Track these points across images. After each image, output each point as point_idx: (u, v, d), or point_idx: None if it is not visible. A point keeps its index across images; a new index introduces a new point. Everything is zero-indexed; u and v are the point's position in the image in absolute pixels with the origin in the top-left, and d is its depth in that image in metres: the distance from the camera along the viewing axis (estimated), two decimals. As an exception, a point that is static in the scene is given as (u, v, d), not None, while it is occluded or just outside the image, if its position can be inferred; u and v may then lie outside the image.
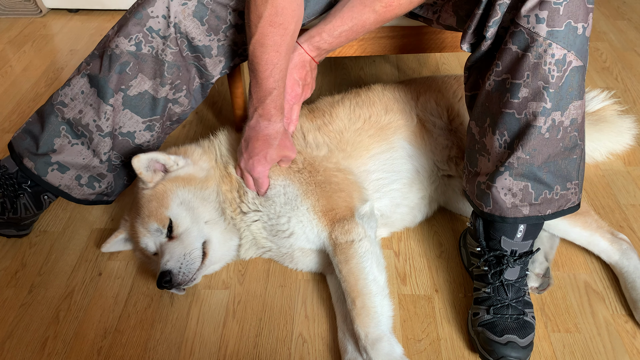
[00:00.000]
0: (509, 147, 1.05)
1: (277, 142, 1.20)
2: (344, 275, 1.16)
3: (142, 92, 1.26)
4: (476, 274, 1.20)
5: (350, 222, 1.21)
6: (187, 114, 1.38)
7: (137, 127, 1.31)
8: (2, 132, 1.84)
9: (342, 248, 1.18)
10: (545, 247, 1.32)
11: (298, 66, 1.23)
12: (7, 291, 1.31)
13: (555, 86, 0.98)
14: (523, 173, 1.05)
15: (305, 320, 1.24)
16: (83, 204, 1.40)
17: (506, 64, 1.01)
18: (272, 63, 1.12)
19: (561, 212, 1.10)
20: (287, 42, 1.11)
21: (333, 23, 1.18)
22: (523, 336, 1.08)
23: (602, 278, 1.29)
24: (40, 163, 1.30)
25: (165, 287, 1.18)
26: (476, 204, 1.15)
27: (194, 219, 1.25)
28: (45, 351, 1.18)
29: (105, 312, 1.26)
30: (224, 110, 1.95)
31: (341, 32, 1.19)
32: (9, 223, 1.37)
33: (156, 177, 1.27)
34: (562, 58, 0.96)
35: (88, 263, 1.38)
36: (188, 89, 1.32)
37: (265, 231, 1.28)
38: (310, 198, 1.23)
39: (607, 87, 1.93)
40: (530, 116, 1.00)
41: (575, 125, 1.03)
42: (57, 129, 1.28)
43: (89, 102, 1.26)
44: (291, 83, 1.23)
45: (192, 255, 1.22)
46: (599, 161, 1.61)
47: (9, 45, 2.36)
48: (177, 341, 1.20)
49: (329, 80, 2.08)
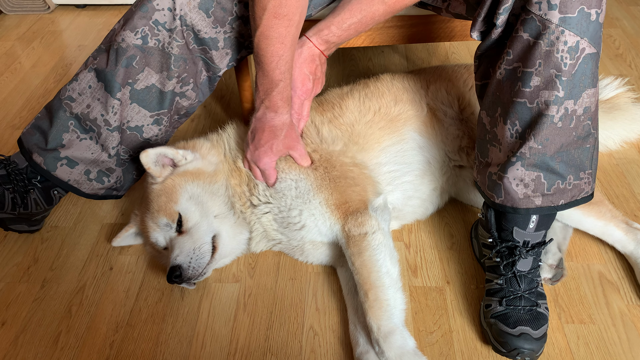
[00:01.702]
0: (521, 137, 1.03)
1: (283, 134, 1.20)
2: (357, 267, 1.15)
3: (149, 86, 1.26)
4: (488, 265, 1.19)
5: (363, 214, 1.20)
6: (195, 107, 1.38)
7: (144, 121, 1.30)
8: (13, 129, 1.85)
9: (355, 240, 1.17)
10: (559, 238, 1.30)
11: (308, 60, 1.22)
12: (20, 286, 1.32)
13: (568, 74, 0.95)
14: (535, 163, 1.03)
15: (316, 313, 1.23)
16: (92, 199, 1.40)
17: (517, 52, 0.99)
18: (277, 55, 1.11)
19: (574, 202, 1.08)
20: (292, 33, 1.10)
21: (342, 15, 1.17)
22: (536, 327, 1.07)
23: (617, 268, 1.27)
24: (49, 158, 1.30)
25: (176, 281, 1.18)
26: (487, 195, 1.13)
27: (203, 213, 1.25)
28: (59, 345, 1.19)
29: (117, 306, 1.27)
30: (232, 104, 1.94)
31: (350, 24, 1.18)
32: (20, 218, 1.38)
33: (165, 171, 1.27)
34: (575, 45, 0.94)
35: (99, 258, 1.39)
36: (195, 82, 1.32)
37: (276, 223, 1.27)
38: (324, 192, 1.22)
39: (621, 74, 1.89)
40: (542, 105, 0.99)
41: (588, 114, 1.01)
42: (65, 124, 1.29)
43: (97, 96, 1.26)
44: (302, 78, 1.23)
45: (202, 249, 1.22)
46: (613, 150, 1.59)
47: (18, 42, 2.37)
48: (188, 335, 1.20)
49: (337, 72, 2.07)
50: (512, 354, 1.06)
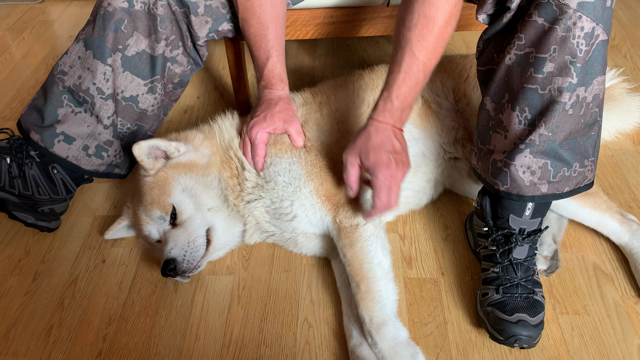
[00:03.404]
0: (530, 124, 1.02)
1: (278, 106, 1.23)
2: (349, 259, 1.14)
3: (140, 52, 1.26)
4: (484, 255, 1.19)
5: (355, 206, 1.19)
6: (188, 76, 1.38)
7: (139, 90, 1.30)
8: (3, 120, 1.82)
9: (346, 232, 1.17)
10: (554, 230, 1.30)
11: (386, 140, 1.08)
12: (12, 279, 1.31)
13: (583, 60, 0.95)
14: (544, 150, 1.02)
15: (311, 304, 1.23)
16: (95, 176, 1.40)
17: (530, 37, 0.98)
18: (258, 35, 1.21)
19: (578, 190, 1.08)
20: (267, 12, 1.20)
21: (395, 86, 1.07)
22: (534, 315, 1.07)
23: (611, 259, 1.27)
24: (46, 135, 1.29)
25: (170, 275, 1.17)
26: (490, 182, 1.12)
27: (197, 206, 1.23)
28: (51, 338, 1.18)
29: (110, 299, 1.26)
30: (225, 95, 1.92)
31: (405, 90, 1.07)
32: (25, 205, 1.35)
33: (157, 164, 1.26)
34: (590, 31, 0.93)
35: (91, 250, 1.38)
36: (184, 46, 1.32)
37: (268, 215, 1.26)
38: (314, 180, 1.21)
39: (616, 65, 1.89)
40: (555, 92, 0.97)
41: (597, 101, 1.00)
42: (59, 98, 1.28)
43: (86, 65, 1.25)
44: (384, 161, 1.06)
45: (196, 242, 1.21)
46: (608, 141, 1.59)
47: (8, 32, 2.34)
48: (182, 327, 1.19)
49: (332, 63, 2.05)
50: (510, 341, 1.06)
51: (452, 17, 1.03)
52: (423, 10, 1.02)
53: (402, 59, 1.05)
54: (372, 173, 1.05)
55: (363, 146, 1.07)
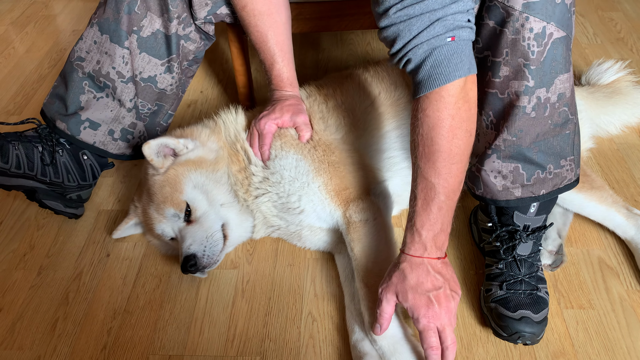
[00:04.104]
0: (495, 128, 1.01)
1: (288, 102, 1.24)
2: (356, 253, 1.14)
3: (155, 32, 1.26)
4: (488, 250, 1.19)
5: (365, 201, 1.19)
6: (202, 52, 1.38)
7: (156, 71, 1.31)
8: (7, 114, 1.82)
9: (355, 227, 1.16)
10: (558, 224, 1.29)
11: (423, 277, 0.98)
12: (17, 273, 1.31)
13: (537, 62, 0.93)
14: (511, 155, 1.01)
15: (315, 299, 1.23)
16: (122, 159, 1.41)
17: (485, 40, 0.97)
18: (259, 42, 1.25)
19: (557, 191, 1.07)
20: (263, 21, 1.22)
21: (423, 218, 0.97)
22: (537, 311, 1.06)
23: (617, 254, 1.27)
24: (72, 123, 1.31)
25: (191, 271, 1.17)
26: (469, 185, 1.12)
27: (210, 202, 1.23)
28: (56, 332, 1.18)
29: (114, 293, 1.26)
30: (229, 89, 1.92)
31: (435, 218, 0.97)
32: (54, 192, 1.36)
33: (166, 162, 1.25)
34: (541, 31, 0.91)
35: (96, 245, 1.38)
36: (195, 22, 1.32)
37: (275, 209, 1.26)
38: (323, 176, 1.20)
39: (622, 58, 1.87)
40: (513, 96, 0.96)
41: (563, 100, 0.98)
42: (80, 85, 1.29)
43: (104, 50, 1.26)
44: (424, 302, 0.97)
45: (214, 237, 1.21)
46: (614, 134, 1.57)
47: (11, 27, 2.34)
48: (186, 321, 1.20)
49: (336, 56, 2.04)
50: (513, 337, 1.06)
51: (453, 131, 0.92)
52: (420, 131, 0.93)
53: (416, 185, 0.97)
54: (413, 317, 0.96)
55: (399, 285, 0.96)
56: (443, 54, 0.89)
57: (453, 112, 0.91)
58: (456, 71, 0.89)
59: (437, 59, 0.89)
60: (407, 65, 0.93)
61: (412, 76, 0.94)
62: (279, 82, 1.28)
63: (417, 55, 0.90)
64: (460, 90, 0.91)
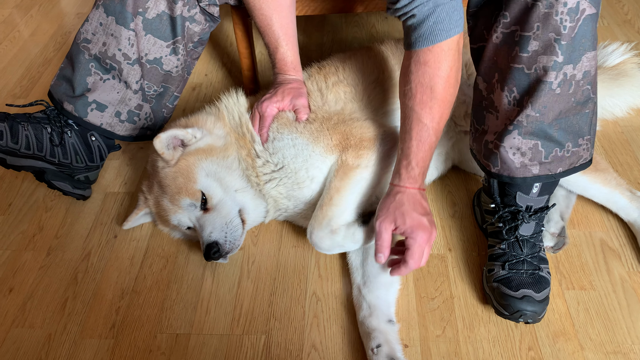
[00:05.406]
0: (518, 104, 1.01)
1: (290, 85, 1.27)
2: (330, 185, 1.18)
3: (160, 14, 1.27)
4: (491, 231, 1.20)
5: (366, 148, 1.19)
6: (207, 34, 1.39)
7: (162, 52, 1.32)
8: (14, 98, 1.84)
9: (345, 168, 1.18)
10: (561, 206, 1.30)
11: (416, 204, 1.10)
12: (26, 254, 1.34)
13: (568, 37, 0.93)
14: (533, 131, 1.02)
15: (319, 279, 1.24)
16: (128, 140, 1.43)
17: (514, 14, 0.96)
18: (263, 26, 1.28)
19: (573, 170, 1.07)
20: (267, 4, 1.25)
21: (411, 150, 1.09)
22: (539, 290, 1.08)
23: (619, 236, 1.28)
24: (79, 104, 1.32)
25: (214, 257, 1.19)
26: (483, 163, 1.12)
27: (225, 189, 1.24)
28: (66, 311, 1.21)
29: (122, 273, 1.29)
30: (234, 72, 1.92)
31: (420, 153, 1.09)
32: (63, 173, 1.38)
33: (176, 153, 1.25)
34: (575, 6, 0.90)
35: (103, 226, 1.40)
36: (199, 4, 1.32)
37: (285, 189, 1.26)
38: (322, 141, 1.21)
39: (628, 40, 1.86)
40: (540, 71, 0.96)
41: (588, 78, 0.98)
42: (86, 67, 1.30)
43: (110, 32, 1.26)
44: (418, 224, 1.08)
45: (234, 222, 1.23)
46: (619, 117, 1.57)
47: (16, 10, 2.34)
48: (193, 301, 1.22)
49: (340, 38, 2.04)
50: (515, 316, 1.08)
51: (449, 80, 1.05)
52: (419, 80, 1.05)
53: (410, 127, 1.08)
54: (410, 235, 1.06)
55: (397, 211, 1.07)
56: (445, 11, 1.00)
57: (451, 63, 1.04)
58: (456, 27, 1.01)
59: (440, 15, 1.00)
60: (410, 20, 1.03)
61: (412, 29, 1.03)
62: (282, 66, 1.30)
63: (422, 12, 1.00)
64: (457, 44, 1.03)
